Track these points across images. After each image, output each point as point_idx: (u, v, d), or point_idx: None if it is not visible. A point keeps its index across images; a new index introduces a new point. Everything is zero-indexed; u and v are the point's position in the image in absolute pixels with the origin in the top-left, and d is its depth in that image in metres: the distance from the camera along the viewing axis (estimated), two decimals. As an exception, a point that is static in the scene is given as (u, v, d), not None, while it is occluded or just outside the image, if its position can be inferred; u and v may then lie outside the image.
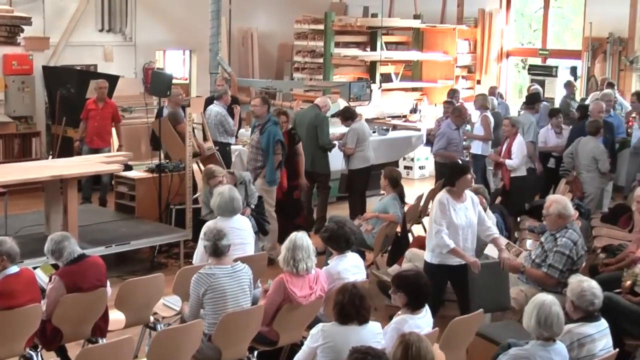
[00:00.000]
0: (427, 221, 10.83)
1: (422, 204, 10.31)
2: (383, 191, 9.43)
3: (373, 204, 10.02)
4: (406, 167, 14.95)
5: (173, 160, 10.30)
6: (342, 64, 16.81)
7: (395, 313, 5.59)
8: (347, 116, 11.13)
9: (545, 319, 4.95)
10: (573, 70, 16.18)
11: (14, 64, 13.03)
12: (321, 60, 16.27)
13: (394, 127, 14.66)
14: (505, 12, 17.69)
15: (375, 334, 5.20)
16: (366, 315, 5.17)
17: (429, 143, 14.37)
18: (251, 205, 8.60)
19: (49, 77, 13.55)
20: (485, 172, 11.44)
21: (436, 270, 6.98)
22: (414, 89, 17.75)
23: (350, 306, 5.12)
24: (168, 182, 9.94)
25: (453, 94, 13.91)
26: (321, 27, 16.19)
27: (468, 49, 17.83)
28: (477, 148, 11.87)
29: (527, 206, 10.35)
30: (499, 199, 10.45)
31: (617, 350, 5.50)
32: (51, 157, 12.31)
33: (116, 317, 6.41)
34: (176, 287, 6.58)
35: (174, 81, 12.44)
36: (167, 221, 9.93)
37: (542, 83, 15.31)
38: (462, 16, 18.03)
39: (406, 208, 9.41)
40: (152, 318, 6.62)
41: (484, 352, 5.91)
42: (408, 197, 9.82)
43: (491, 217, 7.96)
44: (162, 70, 16.02)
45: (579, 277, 5.62)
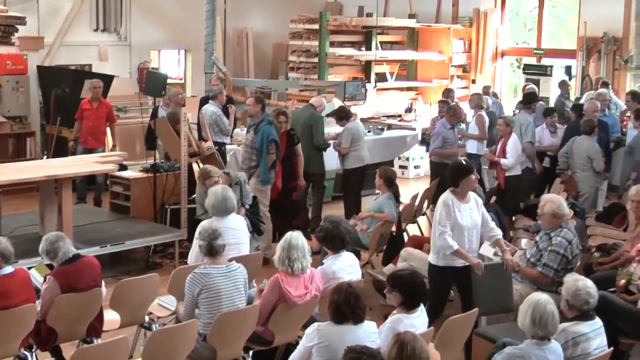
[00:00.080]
0: (423, 221, 10.99)
1: (417, 204, 10.32)
2: (378, 190, 9.42)
3: (368, 204, 10.01)
4: (401, 167, 14.93)
5: (173, 159, 10.28)
6: (337, 64, 16.82)
7: (390, 312, 5.59)
8: (342, 116, 11.14)
9: (540, 318, 4.95)
10: (568, 69, 16.21)
11: (9, 64, 13.00)
12: (316, 59, 16.27)
13: (389, 127, 14.67)
14: (500, 12, 17.72)
15: (370, 334, 5.20)
16: (361, 314, 5.17)
17: (424, 142, 14.41)
18: (246, 205, 8.59)
19: (44, 77, 13.53)
20: (480, 172, 11.44)
21: (441, 272, 6.86)
22: (409, 89, 17.77)
23: (345, 305, 5.12)
24: (163, 182, 9.93)
25: (448, 94, 13.92)
26: (316, 27, 16.20)
27: (463, 49, 17.86)
28: (472, 147, 11.88)
29: (522, 205, 10.35)
30: (494, 198, 10.45)
31: (612, 349, 5.51)
32: (46, 157, 12.27)
33: (111, 317, 6.40)
34: (171, 287, 6.57)
35: (169, 81, 12.46)
36: (162, 221, 9.93)
37: (537, 82, 15.34)
38: (457, 15, 18.06)
39: (401, 207, 9.41)
40: (147, 318, 6.61)
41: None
42: (403, 197, 9.81)
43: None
44: (157, 70, 16.00)
45: (574, 276, 5.61)
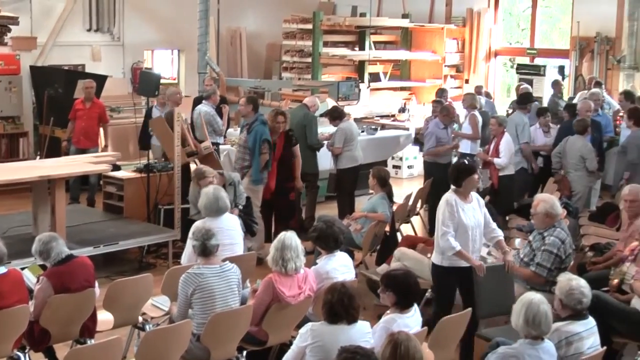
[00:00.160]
0: (417, 220, 11.00)
1: (411, 204, 10.34)
2: (372, 190, 9.43)
3: (362, 204, 10.02)
4: (395, 167, 14.94)
5: (170, 160, 10.25)
6: (331, 64, 16.82)
7: (384, 312, 5.60)
8: (335, 116, 11.14)
9: (533, 318, 4.96)
10: (561, 69, 16.24)
11: (1, 64, 12.99)
12: (310, 59, 16.27)
13: (383, 127, 14.66)
14: (493, 12, 17.73)
15: (364, 333, 5.21)
16: (355, 314, 5.17)
17: (418, 142, 14.42)
18: (239, 206, 8.59)
19: (37, 77, 13.51)
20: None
21: (445, 272, 6.80)
22: (403, 89, 17.77)
23: (339, 305, 5.12)
24: (156, 182, 9.92)
25: (441, 94, 13.92)
26: (309, 27, 16.19)
27: (456, 49, 17.86)
28: (466, 147, 11.88)
29: (516, 205, 10.37)
30: (487, 198, 10.46)
31: (605, 348, 5.52)
32: (39, 157, 12.26)
33: (104, 318, 6.39)
34: (165, 288, 6.57)
35: (163, 81, 12.44)
36: (156, 221, 9.91)
37: (530, 82, 15.34)
38: (451, 15, 18.08)
39: (395, 207, 9.42)
40: (141, 318, 6.60)
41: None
42: (396, 197, 9.82)
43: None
44: (151, 70, 15.97)
45: (568, 276, 5.60)
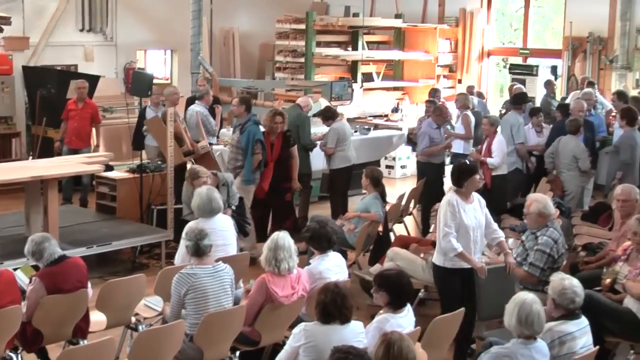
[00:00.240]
0: (410, 220, 11.00)
1: (404, 204, 10.34)
2: (364, 190, 9.43)
3: (355, 204, 10.02)
4: (388, 167, 14.94)
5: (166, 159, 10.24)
6: (324, 64, 16.81)
7: (377, 312, 5.60)
8: (328, 116, 11.14)
9: (526, 318, 4.97)
10: (553, 69, 16.28)
11: (-6, 64, 12.98)
12: (303, 59, 16.26)
13: (376, 127, 14.68)
14: (486, 12, 17.76)
15: (357, 333, 5.21)
16: (348, 314, 5.18)
17: (411, 142, 14.42)
18: (232, 206, 8.58)
19: (29, 77, 13.48)
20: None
21: (447, 273, 6.76)
22: (396, 89, 17.78)
23: (332, 305, 5.12)
24: (149, 183, 9.91)
25: (434, 93, 13.92)
26: (302, 27, 16.18)
27: (449, 49, 17.88)
28: (459, 147, 11.90)
29: (509, 205, 10.38)
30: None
31: (598, 347, 5.53)
32: (31, 158, 12.23)
33: (97, 318, 6.38)
34: (158, 288, 6.56)
35: (156, 81, 12.42)
36: (149, 221, 9.89)
37: (523, 82, 15.35)
38: (443, 15, 18.10)
39: (388, 207, 9.42)
40: (134, 319, 6.59)
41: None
42: (389, 197, 9.82)
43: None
44: (143, 70, 15.94)
45: (561, 275, 5.61)
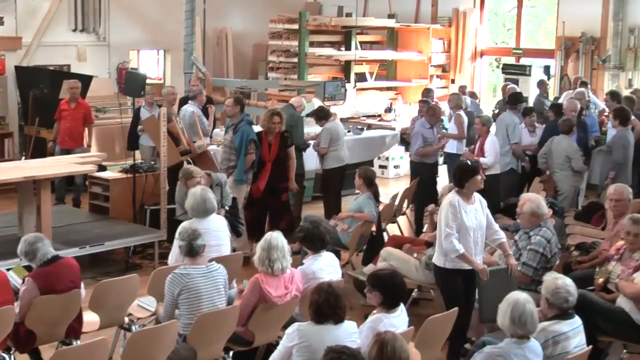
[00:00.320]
0: (403, 220, 11.01)
1: (397, 203, 10.34)
2: (358, 190, 9.43)
3: (348, 204, 10.02)
4: (381, 167, 14.95)
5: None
6: (317, 64, 16.82)
7: (370, 312, 5.60)
8: (321, 116, 11.13)
9: (519, 317, 4.98)
10: (546, 69, 16.30)
11: (-14, 64, 12.95)
12: (296, 59, 16.25)
13: (369, 127, 14.69)
14: (479, 12, 17.78)
15: (350, 333, 5.21)
16: (342, 314, 5.18)
17: (404, 142, 14.43)
18: (225, 206, 8.58)
19: (22, 78, 13.45)
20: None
21: (448, 274, 6.72)
22: (389, 88, 17.79)
23: (325, 305, 5.12)
24: (142, 183, 9.90)
25: (427, 93, 13.93)
26: (296, 27, 16.18)
27: (442, 48, 17.90)
28: (452, 147, 11.90)
29: (502, 204, 10.39)
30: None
31: (591, 347, 5.54)
32: (24, 158, 12.20)
33: (90, 319, 6.37)
34: (151, 288, 6.55)
35: (149, 81, 12.40)
36: (142, 222, 9.89)
37: (516, 82, 15.38)
38: (437, 15, 18.11)
39: (381, 207, 9.43)
40: (127, 319, 6.59)
41: None
42: (383, 197, 9.83)
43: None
44: (136, 70, 15.93)
45: (554, 275, 5.61)
